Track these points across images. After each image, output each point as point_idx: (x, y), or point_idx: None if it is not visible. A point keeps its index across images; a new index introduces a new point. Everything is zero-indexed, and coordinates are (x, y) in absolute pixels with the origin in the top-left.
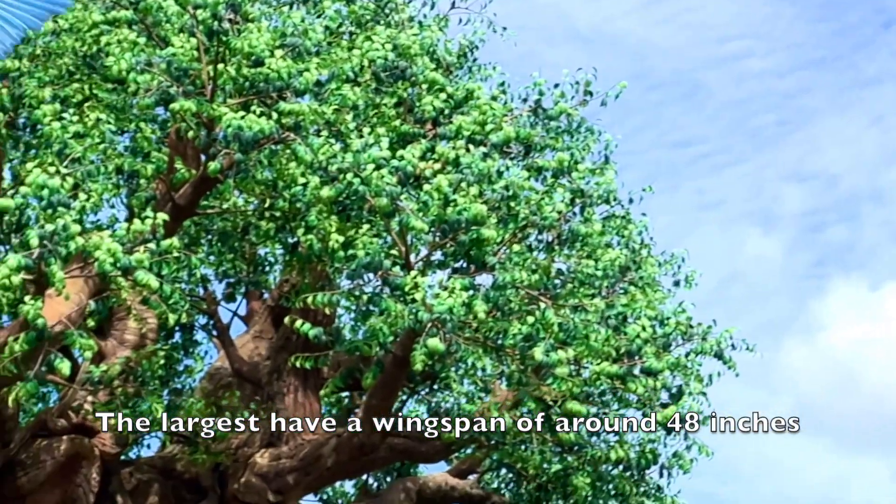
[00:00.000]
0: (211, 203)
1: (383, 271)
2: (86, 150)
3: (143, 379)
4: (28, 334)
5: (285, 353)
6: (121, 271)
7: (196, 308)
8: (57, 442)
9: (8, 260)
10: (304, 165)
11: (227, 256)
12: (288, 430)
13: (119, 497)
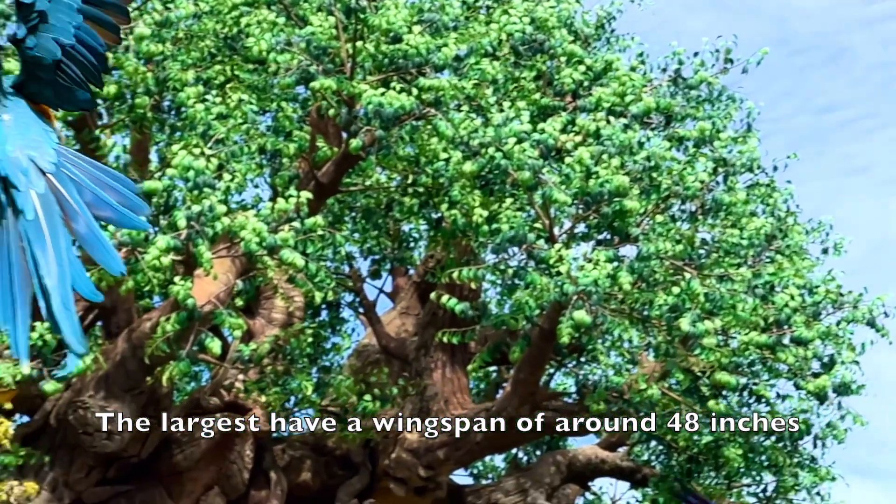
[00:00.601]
0: (354, 180)
1: (527, 245)
2: (229, 130)
3: (291, 357)
4: (179, 314)
5: (432, 328)
6: (266, 250)
7: (342, 285)
8: (210, 420)
9: (157, 241)
10: (445, 140)
11: (371, 233)
12: (437, 406)
13: (272, 473)
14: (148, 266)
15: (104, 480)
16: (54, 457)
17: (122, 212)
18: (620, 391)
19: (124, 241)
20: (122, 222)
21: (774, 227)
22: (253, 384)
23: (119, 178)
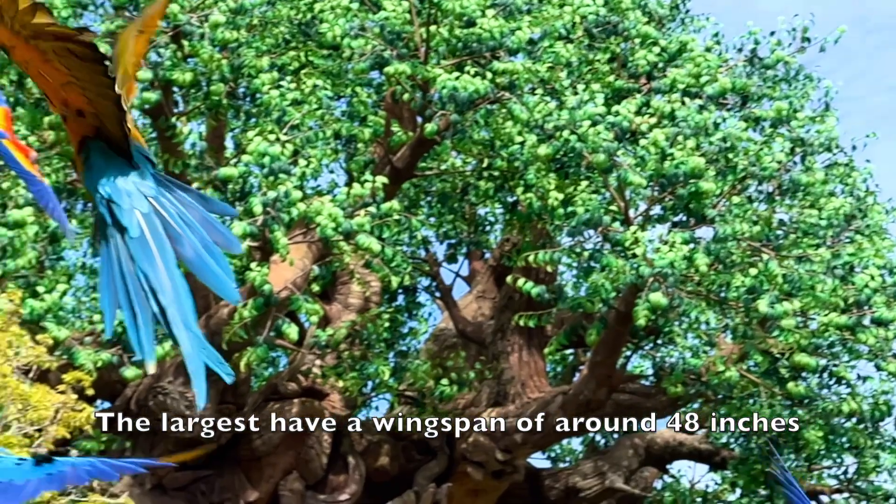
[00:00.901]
0: (429, 164)
1: (603, 227)
2: (304, 116)
3: (368, 342)
4: (256, 300)
5: (508, 312)
6: (343, 235)
7: (418, 270)
8: (288, 405)
9: (233, 227)
10: (520, 124)
11: (447, 217)
12: (514, 389)
13: (350, 458)
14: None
15: (184, 466)
16: (135, 442)
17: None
18: (698, 373)
19: None
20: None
21: (853, 207)
22: (330, 369)
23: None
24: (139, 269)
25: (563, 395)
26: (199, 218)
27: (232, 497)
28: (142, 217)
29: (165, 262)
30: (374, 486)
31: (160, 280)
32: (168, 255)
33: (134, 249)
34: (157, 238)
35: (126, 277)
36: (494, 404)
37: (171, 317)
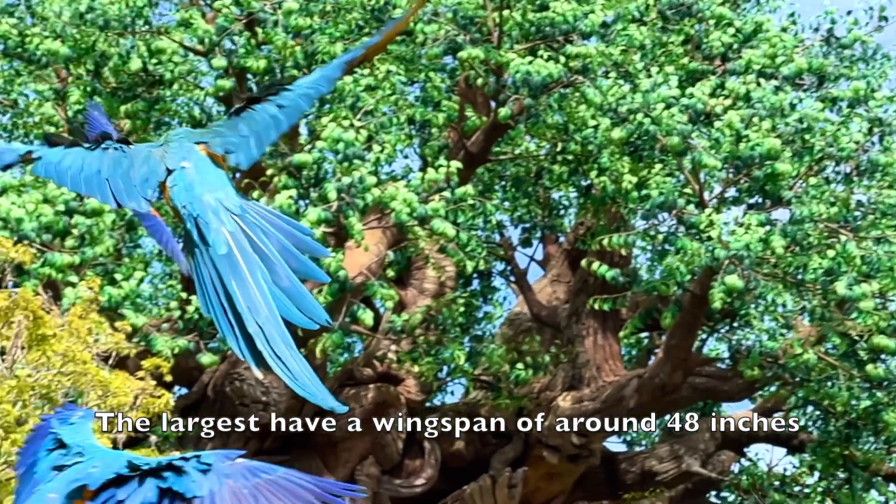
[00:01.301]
0: (503, 149)
1: (678, 210)
2: (378, 102)
3: (444, 327)
4: (331, 286)
5: (583, 295)
6: (417, 221)
7: (493, 254)
8: (364, 390)
9: (308, 213)
10: (593, 108)
11: (521, 201)
12: (589, 373)
13: (426, 443)
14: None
15: (261, 451)
16: (213, 428)
17: (303, 260)
18: (775, 356)
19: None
20: (301, 270)
21: None
22: (405, 354)
23: (295, 224)
24: (227, 287)
25: (638, 378)
26: (282, 228)
27: None
28: (229, 235)
29: (256, 280)
30: (450, 470)
31: (253, 299)
32: (258, 273)
33: (222, 267)
34: (245, 256)
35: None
36: (569, 388)
37: (270, 336)
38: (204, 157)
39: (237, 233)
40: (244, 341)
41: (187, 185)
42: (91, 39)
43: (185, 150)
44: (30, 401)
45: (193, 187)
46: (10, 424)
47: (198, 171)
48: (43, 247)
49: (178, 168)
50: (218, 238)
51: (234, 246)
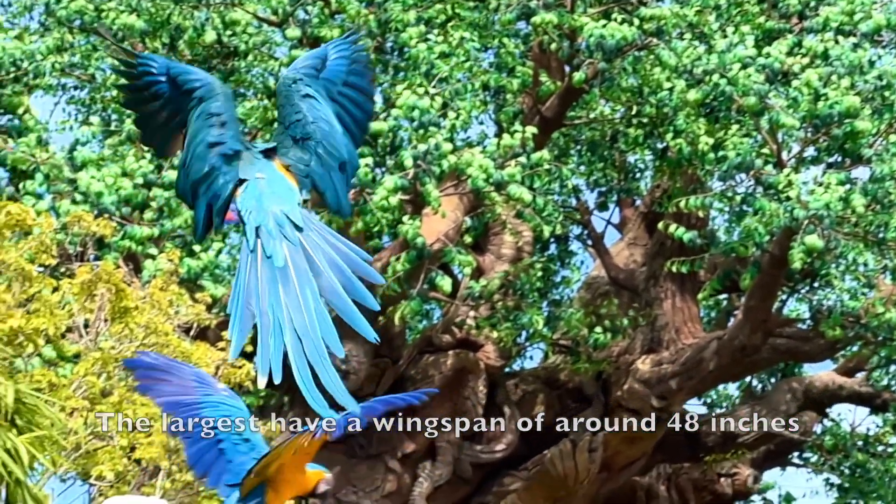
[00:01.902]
0: (578, 113)
1: (755, 170)
2: (452, 69)
3: (521, 292)
4: (409, 253)
5: (661, 258)
6: (494, 186)
7: (569, 219)
8: (443, 357)
9: (385, 182)
10: (668, 70)
11: (597, 165)
12: (668, 336)
13: (506, 408)
14: (376, 206)
15: None
16: (293, 396)
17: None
18: (857, 316)
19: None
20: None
21: None
22: (484, 320)
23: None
24: (278, 299)
25: (717, 340)
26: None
27: (389, 449)
28: (287, 249)
29: (304, 296)
30: (530, 435)
31: (299, 311)
32: (308, 289)
33: (273, 277)
34: (299, 271)
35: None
36: (648, 351)
37: (307, 349)
38: (278, 172)
39: (296, 248)
40: (273, 349)
41: (257, 195)
42: (166, 13)
43: (261, 163)
44: (114, 372)
45: (262, 198)
46: (95, 396)
47: (269, 184)
48: (123, 220)
49: (252, 178)
50: (277, 251)
51: (290, 260)
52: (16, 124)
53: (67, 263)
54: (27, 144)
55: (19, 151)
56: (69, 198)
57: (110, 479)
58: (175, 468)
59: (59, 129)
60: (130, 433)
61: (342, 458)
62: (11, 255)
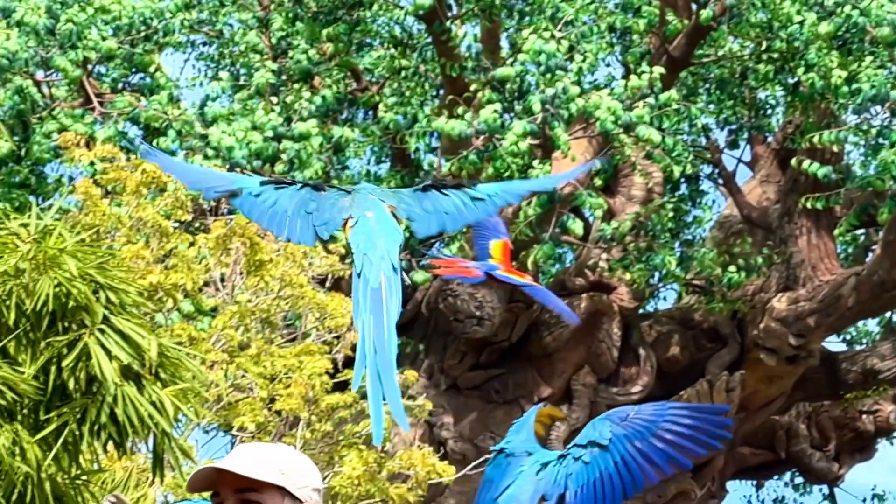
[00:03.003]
0: (706, 51)
1: (891, 103)
2: (577, 11)
3: (653, 233)
4: (540, 198)
5: (794, 195)
6: (622, 128)
7: (700, 158)
8: (577, 300)
9: (514, 127)
10: (799, 3)
11: (726, 103)
12: (804, 273)
13: (641, 349)
14: (506, 152)
15: (477, 365)
16: (428, 345)
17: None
18: None
19: (481, 128)
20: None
21: None
22: (616, 262)
23: None
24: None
25: (855, 276)
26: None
27: (526, 394)
28: (384, 277)
29: (389, 318)
30: (666, 376)
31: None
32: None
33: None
34: (389, 296)
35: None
36: (784, 289)
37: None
38: (386, 213)
39: (389, 279)
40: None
41: (367, 230)
42: None
43: (371, 202)
44: (251, 325)
45: (372, 234)
46: (233, 349)
47: (378, 223)
48: (253, 173)
49: (361, 215)
50: (375, 276)
51: (383, 286)
52: (147, 82)
53: (202, 218)
54: (159, 102)
55: (151, 109)
56: (201, 153)
57: (251, 430)
58: (314, 418)
59: (189, 85)
60: (270, 384)
61: (479, 403)
62: (148, 212)
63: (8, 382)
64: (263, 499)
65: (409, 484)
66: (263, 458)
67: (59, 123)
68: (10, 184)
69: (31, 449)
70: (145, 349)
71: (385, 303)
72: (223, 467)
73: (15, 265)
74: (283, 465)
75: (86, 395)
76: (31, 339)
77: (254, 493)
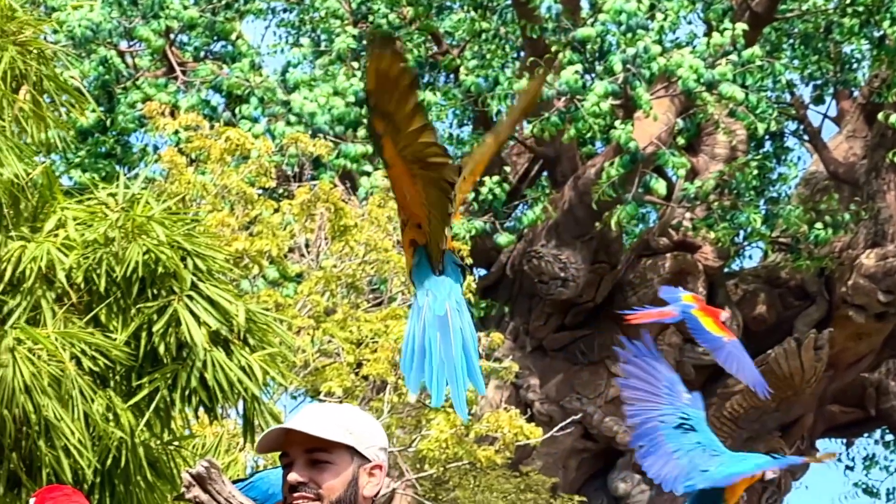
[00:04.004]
0: (789, 6)
1: None
2: None
3: (738, 191)
4: (622, 158)
5: (882, 150)
6: (705, 86)
7: (784, 114)
8: (661, 260)
9: (595, 88)
10: None
11: (811, 58)
12: (893, 228)
13: (727, 308)
14: (588, 113)
15: (562, 327)
16: (513, 307)
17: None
18: None
19: (562, 90)
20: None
21: None
22: (700, 221)
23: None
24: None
25: None
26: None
27: (611, 354)
28: (448, 307)
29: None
30: (753, 335)
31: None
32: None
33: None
34: (453, 324)
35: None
36: (872, 245)
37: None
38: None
39: (453, 311)
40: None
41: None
42: None
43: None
44: (336, 291)
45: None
46: (319, 315)
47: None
48: (337, 139)
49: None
50: (441, 306)
51: (449, 315)
52: (229, 50)
53: (286, 185)
54: (241, 69)
55: (234, 77)
56: (283, 120)
57: (339, 395)
58: (401, 382)
59: (270, 52)
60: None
61: (565, 365)
62: (233, 179)
63: (100, 349)
64: (333, 458)
65: (497, 446)
66: (331, 418)
67: (142, 93)
68: (96, 154)
69: (125, 415)
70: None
71: (451, 330)
72: (293, 427)
73: (104, 233)
74: (350, 424)
75: (176, 360)
76: (122, 306)
77: (323, 453)
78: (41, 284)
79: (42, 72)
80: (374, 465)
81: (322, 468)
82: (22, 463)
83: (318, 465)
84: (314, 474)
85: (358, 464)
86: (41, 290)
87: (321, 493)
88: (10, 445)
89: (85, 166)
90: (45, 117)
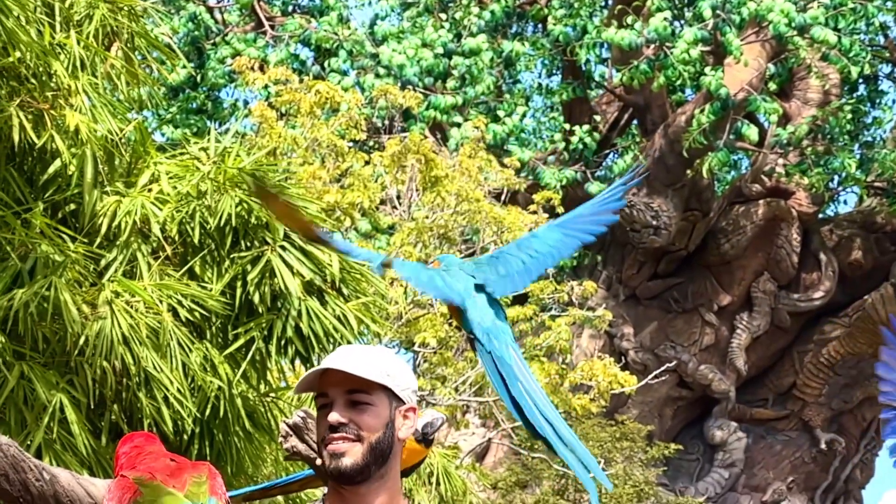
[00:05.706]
0: None
1: None
2: None
3: (831, 136)
4: (713, 105)
5: None
6: (796, 30)
7: (878, 57)
8: (754, 207)
9: (684, 34)
10: None
11: None
12: None
13: (822, 254)
14: (677, 60)
15: (655, 275)
16: (606, 256)
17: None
18: None
19: (651, 37)
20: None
21: None
22: (793, 167)
23: None
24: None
25: None
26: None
27: (705, 302)
28: (513, 350)
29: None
30: (848, 280)
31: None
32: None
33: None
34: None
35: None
36: None
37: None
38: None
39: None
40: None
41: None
42: None
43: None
44: (429, 241)
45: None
46: None
47: (492, 304)
48: (426, 90)
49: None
50: (507, 353)
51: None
52: (317, 4)
53: (376, 137)
54: (329, 23)
55: (322, 30)
56: (372, 72)
57: (433, 346)
58: None
59: (358, 5)
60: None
61: (658, 313)
62: (323, 132)
63: (196, 300)
64: (372, 399)
65: (592, 395)
66: (370, 359)
67: (232, 48)
68: (187, 110)
69: (222, 366)
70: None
71: (520, 370)
72: (336, 367)
73: (196, 186)
74: (388, 366)
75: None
76: (216, 257)
77: (364, 395)
78: (136, 238)
79: (133, 29)
80: (408, 408)
81: (362, 409)
82: (123, 414)
83: (358, 406)
84: (354, 415)
85: (395, 406)
86: (137, 243)
87: (361, 434)
88: (111, 397)
89: (176, 122)
90: (136, 74)
